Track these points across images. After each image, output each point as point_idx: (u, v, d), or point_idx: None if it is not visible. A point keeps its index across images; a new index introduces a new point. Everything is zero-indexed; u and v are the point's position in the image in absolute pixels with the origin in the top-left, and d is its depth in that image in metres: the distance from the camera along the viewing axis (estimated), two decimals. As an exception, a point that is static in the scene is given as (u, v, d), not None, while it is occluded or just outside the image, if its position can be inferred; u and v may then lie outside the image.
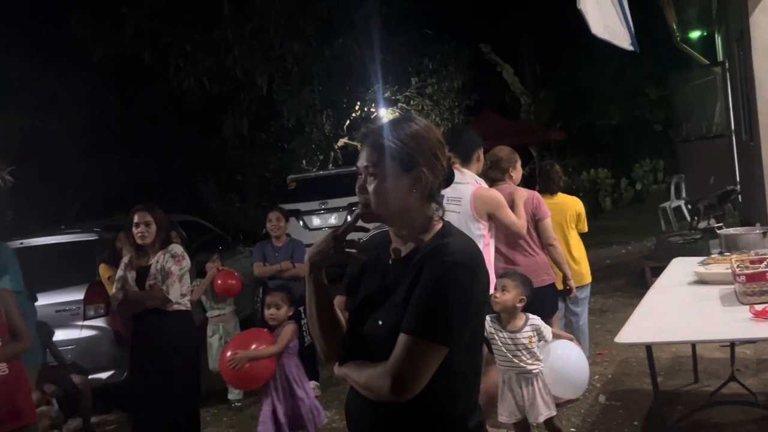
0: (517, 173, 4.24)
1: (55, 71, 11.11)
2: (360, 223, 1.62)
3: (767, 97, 5.80)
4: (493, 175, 4.09)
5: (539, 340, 3.31)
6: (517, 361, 3.27)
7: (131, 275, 3.93)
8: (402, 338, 1.50)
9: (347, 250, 1.61)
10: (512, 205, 3.77)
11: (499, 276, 3.42)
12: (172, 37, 10.65)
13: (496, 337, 3.31)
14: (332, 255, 1.61)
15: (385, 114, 15.32)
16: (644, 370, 4.22)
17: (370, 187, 1.58)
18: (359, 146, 1.66)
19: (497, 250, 3.79)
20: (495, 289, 3.29)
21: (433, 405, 1.54)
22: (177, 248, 3.96)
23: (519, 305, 3.28)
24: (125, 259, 4.04)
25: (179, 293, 3.89)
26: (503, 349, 3.30)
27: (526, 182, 5.49)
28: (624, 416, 4.14)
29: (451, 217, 3.44)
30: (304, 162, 13.83)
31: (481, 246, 3.53)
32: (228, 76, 11.10)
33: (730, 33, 8.75)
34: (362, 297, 1.67)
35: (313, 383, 5.42)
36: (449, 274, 1.50)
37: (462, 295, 1.51)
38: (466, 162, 3.60)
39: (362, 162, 1.61)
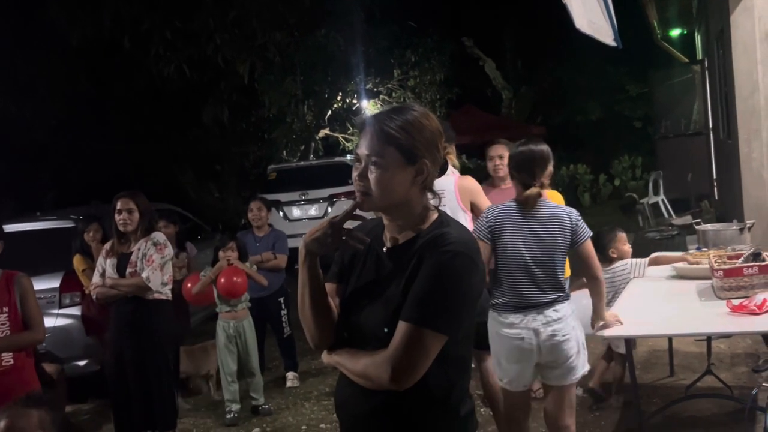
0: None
1: (31, 55, 10.89)
2: (357, 211, 1.61)
3: (746, 96, 5.87)
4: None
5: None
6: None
7: (111, 262, 3.87)
8: (402, 326, 1.50)
9: (344, 238, 1.59)
10: None
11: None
12: (152, 23, 10.48)
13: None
14: (329, 243, 1.59)
15: (366, 106, 15.27)
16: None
17: (372, 177, 1.56)
18: (359, 133, 1.63)
19: None
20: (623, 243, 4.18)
21: (427, 393, 1.54)
22: (160, 236, 3.90)
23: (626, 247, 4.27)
24: (107, 246, 3.98)
25: (160, 282, 3.82)
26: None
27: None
28: (601, 409, 4.18)
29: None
30: (284, 152, 13.74)
31: None
32: (209, 65, 10.96)
33: (710, 31, 8.85)
34: (355, 285, 1.66)
35: (291, 374, 5.41)
36: (450, 264, 1.51)
37: (462, 285, 1.52)
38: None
39: (363, 150, 1.58)
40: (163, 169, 13.15)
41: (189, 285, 4.91)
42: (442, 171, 1.66)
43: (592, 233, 2.98)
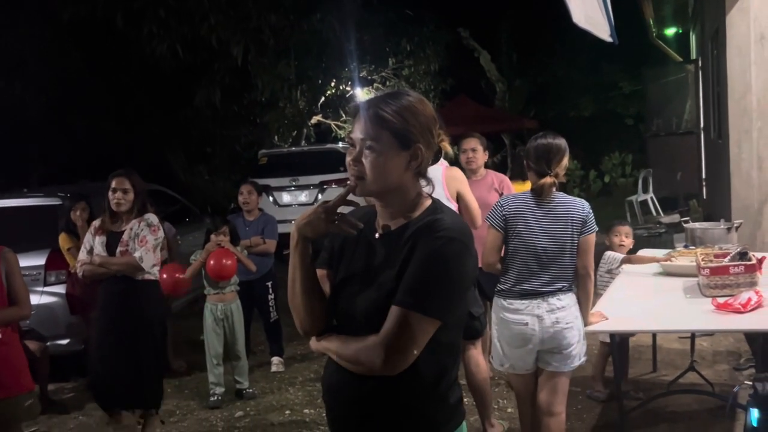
0: None
1: (22, 31, 10.72)
2: (351, 196, 1.60)
3: (738, 97, 5.89)
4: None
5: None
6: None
7: (101, 240, 3.81)
8: (395, 310, 1.49)
9: (338, 223, 1.58)
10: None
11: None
12: (146, 1, 10.34)
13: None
14: (322, 227, 1.58)
15: (360, 93, 15.21)
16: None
17: (367, 161, 1.56)
18: (353, 118, 1.62)
19: None
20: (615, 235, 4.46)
21: (418, 379, 1.54)
22: (153, 218, 3.86)
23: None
24: (95, 223, 3.92)
25: (152, 263, 3.80)
26: None
27: (499, 170, 5.53)
28: (584, 402, 4.22)
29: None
30: (276, 137, 13.66)
31: None
32: (202, 45, 10.83)
33: (705, 31, 8.87)
34: (347, 271, 1.65)
35: (276, 359, 5.42)
36: (444, 249, 1.51)
37: (456, 270, 1.52)
38: None
39: (358, 135, 1.57)
40: (153, 150, 13.04)
41: (164, 276, 4.77)
42: (436, 158, 1.66)
43: (598, 229, 3.02)
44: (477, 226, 3.61)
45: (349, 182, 1.59)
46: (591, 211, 2.99)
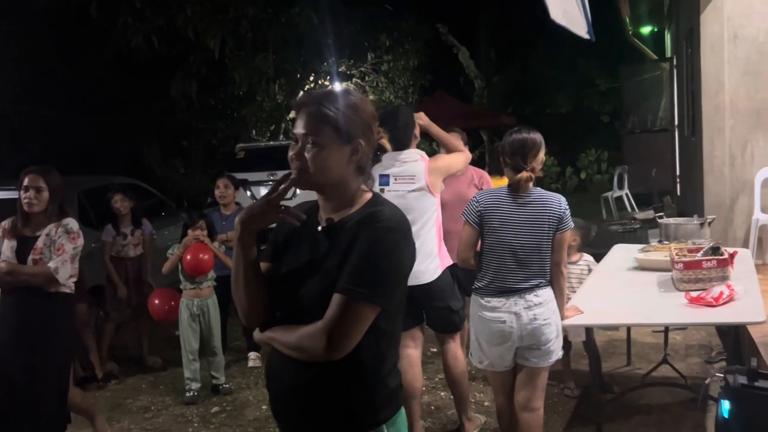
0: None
1: (-7, 20, 10.50)
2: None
3: (711, 95, 5.98)
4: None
5: (589, 272, 4.11)
6: (568, 291, 3.70)
7: (10, 244, 3.39)
8: (337, 298, 1.55)
9: (281, 214, 1.63)
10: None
11: None
12: (121, -9, 10.20)
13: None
14: (266, 219, 1.63)
15: (339, 88, 15.16)
16: (580, 351, 4.34)
17: (309, 155, 1.61)
18: (296, 114, 1.68)
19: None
20: None
21: (359, 365, 1.60)
22: (73, 223, 3.46)
23: (574, 244, 4.00)
24: (4, 224, 3.48)
25: (68, 275, 3.39)
26: (578, 278, 4.03)
27: (477, 165, 5.54)
28: (560, 395, 4.26)
29: (404, 196, 3.46)
30: (254, 131, 13.55)
31: (434, 222, 3.54)
32: (178, 37, 10.69)
33: (680, 30, 8.99)
34: (291, 264, 1.69)
35: (253, 354, 5.38)
36: (384, 239, 1.57)
37: (395, 258, 1.59)
38: (407, 143, 3.58)
39: (300, 130, 1.63)
40: (128, 143, 12.87)
41: (156, 301, 4.72)
42: (375, 155, 1.73)
43: (573, 225, 3.03)
44: (468, 160, 3.81)
45: (292, 176, 1.63)
46: (568, 208, 2.99)
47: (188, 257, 4.60)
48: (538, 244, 2.93)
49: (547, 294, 2.95)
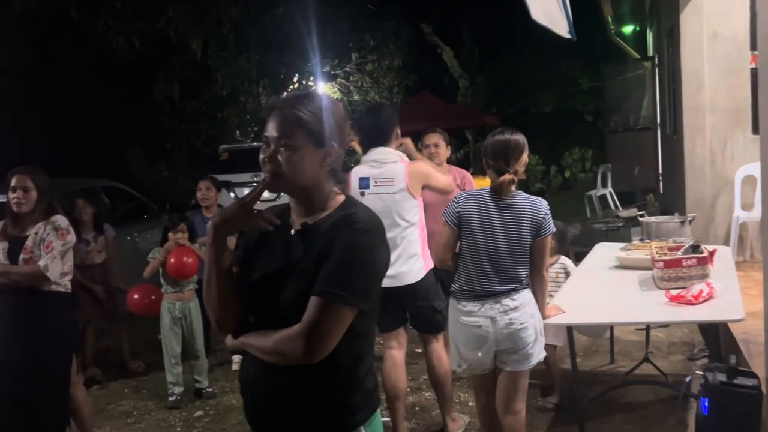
0: None
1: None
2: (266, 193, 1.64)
3: (692, 93, 6.04)
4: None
5: (566, 276, 4.00)
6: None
7: (2, 246, 3.39)
8: (314, 300, 1.54)
9: (254, 218, 1.62)
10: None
11: None
12: (102, -8, 10.08)
13: None
14: (238, 223, 1.62)
15: (323, 88, 15.13)
16: (564, 349, 4.35)
17: (282, 158, 1.60)
18: (267, 117, 1.67)
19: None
20: None
21: (336, 367, 1.59)
22: (62, 220, 3.47)
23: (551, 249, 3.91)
24: None
25: (59, 272, 3.39)
26: (554, 281, 3.92)
27: (462, 165, 5.55)
28: (543, 394, 4.26)
29: (384, 199, 3.45)
30: (237, 132, 13.49)
31: (416, 224, 3.54)
32: (160, 39, 10.61)
33: (661, 29, 9.06)
34: (264, 268, 1.68)
35: (237, 357, 5.34)
36: (359, 241, 1.57)
37: (371, 260, 1.59)
38: (386, 141, 3.56)
39: (272, 133, 1.62)
40: (111, 146, 12.75)
41: (136, 296, 4.64)
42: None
43: (555, 230, 2.99)
44: (451, 190, 3.64)
45: (264, 179, 1.63)
46: (549, 212, 2.93)
47: (172, 260, 4.55)
48: (515, 249, 2.88)
49: (523, 297, 2.90)
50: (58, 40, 11.23)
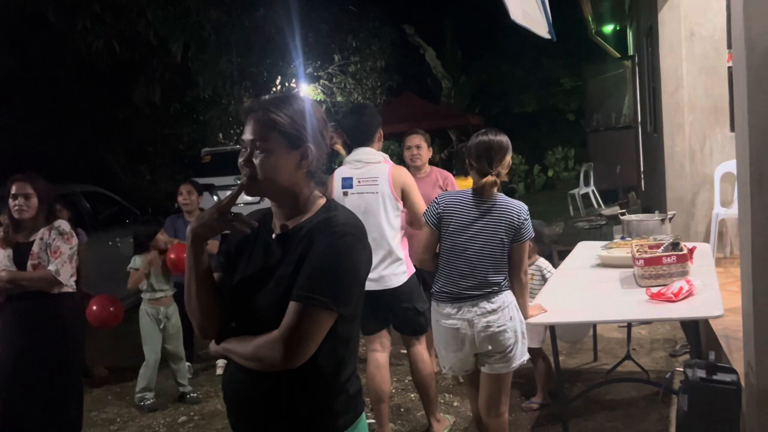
0: None
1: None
2: (243, 196, 1.63)
3: (671, 91, 6.09)
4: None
5: (542, 278, 3.98)
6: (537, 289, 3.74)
7: (7, 253, 3.47)
8: (293, 305, 1.52)
9: (232, 222, 1.61)
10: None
11: None
12: (79, -5, 9.96)
13: None
14: (215, 227, 1.61)
15: (306, 90, 15.09)
16: (547, 348, 4.37)
17: (257, 161, 1.60)
18: (244, 121, 1.66)
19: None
20: None
21: (318, 372, 1.58)
22: (64, 224, 3.56)
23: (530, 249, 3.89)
24: None
25: (69, 274, 3.50)
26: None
27: (446, 166, 5.57)
28: (528, 392, 4.28)
29: (367, 199, 3.45)
30: (220, 135, 13.40)
31: (399, 226, 3.53)
32: (140, 41, 10.51)
33: (640, 28, 9.14)
34: (245, 273, 1.67)
35: (221, 362, 5.30)
36: (339, 244, 1.55)
37: (351, 264, 1.57)
38: (368, 140, 3.56)
39: (248, 136, 1.62)
40: (92, 150, 12.63)
41: (95, 307, 4.49)
42: (329, 160, 1.73)
43: (533, 235, 2.98)
44: (422, 226, 3.57)
45: (240, 182, 1.62)
46: (528, 217, 2.92)
47: (172, 256, 4.55)
48: (494, 252, 2.87)
49: (502, 300, 2.88)
50: (35, 43, 11.10)
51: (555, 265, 4.36)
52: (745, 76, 2.61)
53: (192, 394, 4.74)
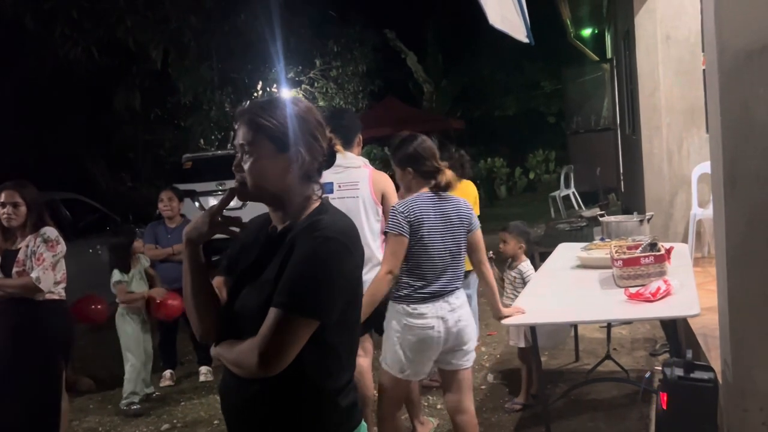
0: None
1: None
2: (234, 201, 1.62)
3: (648, 94, 6.18)
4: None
5: (522, 282, 4.04)
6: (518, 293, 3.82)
7: None
8: (271, 312, 1.50)
9: (223, 226, 1.61)
10: None
11: (500, 230, 4.22)
12: (57, 1, 9.86)
13: (507, 279, 4.13)
14: (208, 231, 1.61)
15: (288, 95, 15.07)
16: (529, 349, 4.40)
17: (246, 166, 1.59)
18: (236, 124, 1.66)
19: None
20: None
21: (304, 381, 1.54)
22: (51, 232, 3.57)
23: (520, 250, 4.11)
24: None
25: (52, 282, 3.53)
26: (512, 285, 4.08)
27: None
28: (511, 394, 4.31)
29: (348, 204, 3.46)
30: (201, 141, 13.35)
31: (379, 231, 3.54)
32: (119, 48, 10.44)
33: (618, 32, 9.25)
34: (238, 276, 1.67)
35: (204, 368, 5.29)
36: (319, 248, 1.51)
37: (332, 269, 1.51)
38: (348, 145, 3.57)
39: (239, 140, 1.62)
40: (71, 157, 12.51)
41: (80, 304, 4.61)
42: (329, 162, 1.68)
43: (479, 224, 3.13)
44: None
45: (232, 186, 1.62)
46: (471, 207, 3.09)
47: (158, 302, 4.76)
48: (460, 246, 2.99)
49: (463, 295, 3.04)
50: (13, 49, 10.98)
51: (536, 267, 4.40)
52: (717, 79, 2.66)
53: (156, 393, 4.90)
